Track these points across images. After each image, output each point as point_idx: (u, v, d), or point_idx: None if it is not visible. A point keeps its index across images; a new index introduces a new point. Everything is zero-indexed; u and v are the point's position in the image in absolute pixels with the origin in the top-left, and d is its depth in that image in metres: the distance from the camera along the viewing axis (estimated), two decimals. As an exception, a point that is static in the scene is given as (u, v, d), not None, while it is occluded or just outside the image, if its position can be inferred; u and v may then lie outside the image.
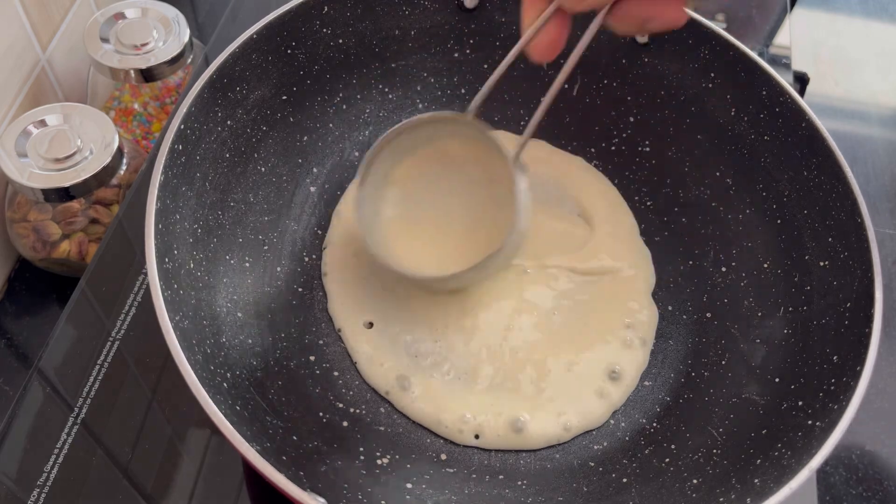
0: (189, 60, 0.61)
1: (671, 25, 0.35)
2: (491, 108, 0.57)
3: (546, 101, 0.41)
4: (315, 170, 0.53)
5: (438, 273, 0.46)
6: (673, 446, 0.44)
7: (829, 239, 0.45)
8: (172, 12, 0.61)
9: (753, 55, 0.49)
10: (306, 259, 0.50)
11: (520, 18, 0.39)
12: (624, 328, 0.48)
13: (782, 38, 0.71)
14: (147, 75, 0.59)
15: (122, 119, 0.63)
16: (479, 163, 0.46)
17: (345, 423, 0.44)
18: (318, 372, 0.46)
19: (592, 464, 0.44)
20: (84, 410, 0.45)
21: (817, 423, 0.38)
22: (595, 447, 0.45)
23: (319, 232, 0.52)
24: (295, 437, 0.41)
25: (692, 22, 0.51)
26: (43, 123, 0.53)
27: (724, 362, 0.47)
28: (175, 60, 0.60)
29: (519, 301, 0.49)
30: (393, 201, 0.48)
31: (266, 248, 0.49)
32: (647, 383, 0.47)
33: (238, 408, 0.38)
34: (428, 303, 0.48)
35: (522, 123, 0.57)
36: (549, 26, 0.38)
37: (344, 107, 0.54)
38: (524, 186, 0.43)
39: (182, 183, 0.43)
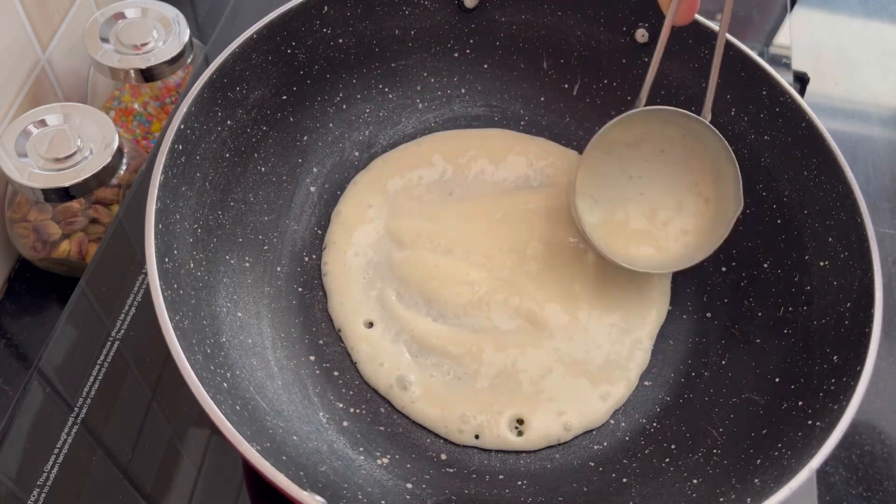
0: (189, 60, 0.61)
1: None
2: (490, 108, 0.57)
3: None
4: (315, 170, 0.53)
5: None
6: (673, 446, 0.44)
7: (829, 239, 0.45)
8: (172, 12, 0.61)
9: (753, 55, 0.49)
10: (306, 259, 0.50)
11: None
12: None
13: (782, 38, 0.71)
14: (147, 75, 0.59)
15: (122, 119, 0.63)
16: (655, 138, 0.48)
17: (345, 423, 0.44)
18: (318, 372, 0.46)
19: (592, 464, 0.44)
20: (84, 410, 0.45)
21: (817, 423, 0.38)
22: (595, 447, 0.45)
23: (319, 232, 0.52)
24: (295, 437, 0.41)
25: (692, 22, 0.51)
26: (43, 123, 0.53)
27: (724, 362, 0.47)
28: (175, 60, 0.60)
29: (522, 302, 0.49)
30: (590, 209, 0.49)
31: (266, 248, 0.49)
32: (647, 383, 0.47)
33: (238, 408, 0.38)
34: (429, 303, 0.48)
35: (523, 123, 0.57)
36: None
37: (344, 107, 0.54)
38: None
39: (182, 183, 0.43)
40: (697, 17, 0.51)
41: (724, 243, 0.50)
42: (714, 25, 0.50)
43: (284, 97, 0.51)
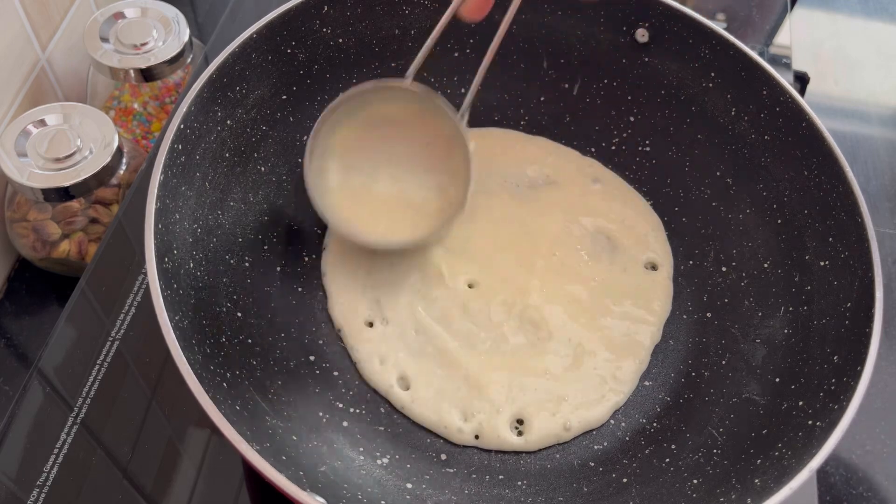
0: (189, 60, 0.61)
1: None
2: (490, 108, 0.57)
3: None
4: (315, 170, 0.53)
5: (392, 239, 0.47)
6: (673, 446, 0.44)
7: (829, 239, 0.45)
8: (172, 12, 0.61)
9: (753, 55, 0.49)
10: (306, 259, 0.50)
11: None
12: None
13: (782, 37, 0.71)
14: (147, 75, 0.59)
15: (122, 119, 0.63)
16: (419, 125, 0.47)
17: (345, 423, 0.44)
18: (318, 372, 0.46)
19: (592, 464, 0.44)
20: (84, 410, 0.45)
21: (817, 423, 0.38)
22: (595, 447, 0.45)
23: (319, 232, 0.51)
24: (295, 437, 0.41)
25: (692, 22, 0.51)
26: (43, 123, 0.53)
27: (724, 362, 0.47)
28: (175, 60, 0.59)
29: (524, 305, 0.49)
30: (336, 169, 0.48)
31: (266, 248, 0.49)
32: (647, 383, 0.47)
33: (238, 408, 0.38)
34: (429, 302, 0.48)
35: (523, 123, 0.57)
36: None
37: (344, 107, 0.54)
38: (472, 145, 0.46)
39: (182, 183, 0.43)
40: (697, 16, 0.51)
41: (724, 243, 0.50)
42: (714, 25, 0.50)
43: (284, 97, 0.51)
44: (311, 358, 0.46)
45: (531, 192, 0.53)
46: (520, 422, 0.45)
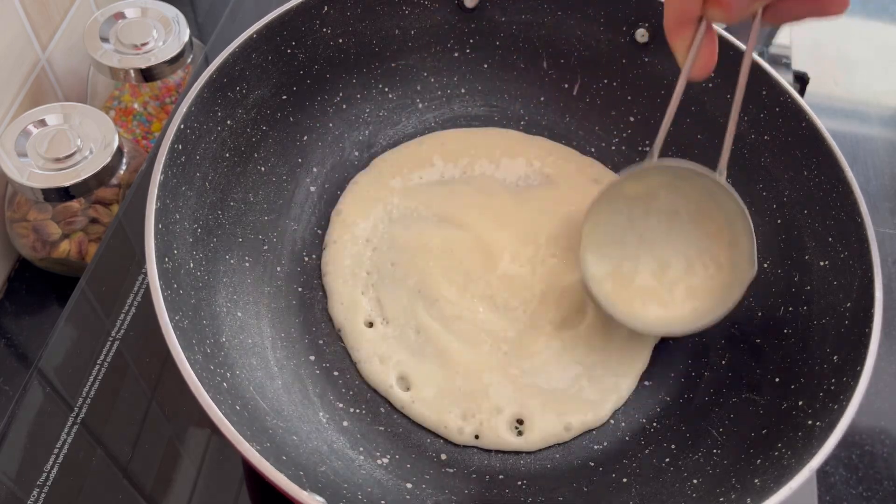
0: (189, 60, 0.61)
1: (836, 12, 0.34)
2: (491, 108, 0.57)
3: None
4: (315, 170, 0.53)
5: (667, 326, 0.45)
6: (673, 446, 0.44)
7: (829, 239, 0.45)
8: (172, 12, 0.61)
9: (753, 55, 0.49)
10: (306, 259, 0.50)
11: (672, 51, 0.39)
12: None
13: (782, 38, 0.71)
14: (147, 75, 0.59)
15: (122, 119, 0.63)
16: (668, 195, 0.45)
17: (345, 423, 0.44)
18: (317, 372, 0.46)
19: (592, 464, 0.44)
20: (84, 410, 0.45)
21: (817, 423, 0.38)
22: (595, 447, 0.45)
23: (319, 232, 0.52)
24: (295, 437, 0.41)
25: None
26: (43, 123, 0.53)
27: (724, 362, 0.47)
28: (175, 60, 0.60)
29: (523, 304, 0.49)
30: (593, 260, 0.46)
31: (266, 248, 0.49)
32: (647, 383, 0.47)
33: (238, 408, 0.38)
34: (429, 303, 0.48)
35: (523, 123, 0.57)
36: (702, 48, 0.38)
37: (344, 107, 0.54)
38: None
39: (182, 183, 0.43)
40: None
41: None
42: (714, 25, 0.50)
43: (284, 97, 0.51)
44: (312, 358, 0.46)
45: (531, 192, 0.53)
46: (520, 422, 0.45)
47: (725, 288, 0.44)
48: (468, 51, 0.56)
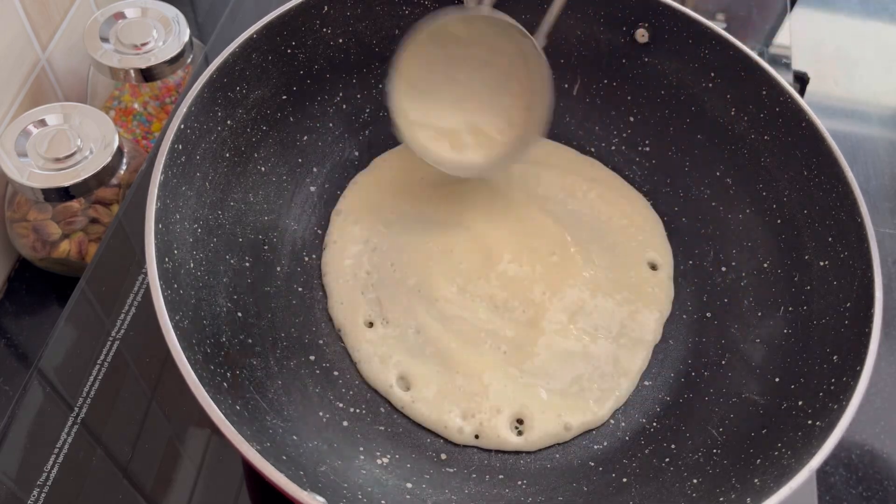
0: (189, 60, 0.61)
1: None
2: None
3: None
4: (315, 170, 0.53)
5: (462, 163, 0.47)
6: (673, 446, 0.44)
7: (829, 239, 0.45)
8: (172, 12, 0.61)
9: (753, 55, 0.49)
10: (306, 259, 0.50)
11: None
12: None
13: (782, 38, 0.71)
14: (147, 75, 0.59)
15: (122, 119, 0.63)
16: (489, 46, 0.47)
17: (345, 423, 0.44)
18: (318, 372, 0.46)
19: (592, 464, 0.44)
20: (84, 410, 0.45)
21: (817, 423, 0.38)
22: (595, 447, 0.45)
23: (319, 232, 0.52)
24: (295, 437, 0.41)
25: (692, 22, 0.51)
26: (43, 123, 0.53)
27: (724, 362, 0.47)
28: (175, 60, 0.60)
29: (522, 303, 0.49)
30: (405, 91, 0.48)
31: (266, 248, 0.49)
32: (647, 383, 0.47)
33: (238, 408, 0.38)
34: (429, 303, 0.48)
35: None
36: None
37: (344, 107, 0.54)
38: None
39: (182, 183, 0.43)
40: (697, 16, 0.51)
41: (724, 243, 0.50)
42: (714, 25, 0.50)
43: (284, 97, 0.51)
44: (311, 358, 0.46)
45: (531, 192, 0.53)
46: (520, 421, 0.45)
47: (512, 144, 0.48)
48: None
